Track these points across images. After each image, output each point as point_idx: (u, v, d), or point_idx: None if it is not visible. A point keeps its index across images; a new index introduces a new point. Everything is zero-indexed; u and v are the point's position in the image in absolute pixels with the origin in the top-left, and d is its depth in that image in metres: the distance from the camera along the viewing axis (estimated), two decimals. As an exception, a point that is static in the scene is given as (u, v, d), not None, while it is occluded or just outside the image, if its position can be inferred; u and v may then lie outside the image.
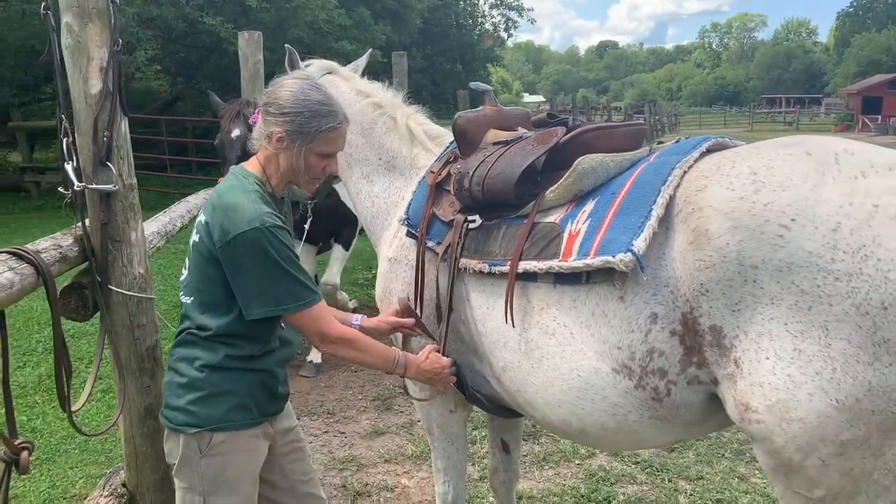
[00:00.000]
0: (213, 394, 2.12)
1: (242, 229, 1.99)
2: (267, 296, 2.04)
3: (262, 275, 2.02)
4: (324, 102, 2.14)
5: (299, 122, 2.10)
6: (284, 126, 2.11)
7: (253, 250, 2.00)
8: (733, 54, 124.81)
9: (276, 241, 2.02)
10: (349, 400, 5.16)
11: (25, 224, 11.95)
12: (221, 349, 2.11)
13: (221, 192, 2.12)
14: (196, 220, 2.20)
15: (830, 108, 58.58)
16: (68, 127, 2.31)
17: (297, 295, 2.07)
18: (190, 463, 2.13)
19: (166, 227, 3.39)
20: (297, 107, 2.10)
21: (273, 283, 2.04)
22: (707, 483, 3.82)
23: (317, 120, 2.11)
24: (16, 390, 5.13)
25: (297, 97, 2.11)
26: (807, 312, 1.68)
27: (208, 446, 2.12)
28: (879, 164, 1.74)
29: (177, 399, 2.14)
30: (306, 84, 2.17)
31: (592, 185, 2.21)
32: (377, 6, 18.92)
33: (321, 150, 2.16)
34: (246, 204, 2.03)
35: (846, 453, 1.69)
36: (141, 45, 13.16)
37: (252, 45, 5.46)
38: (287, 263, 2.04)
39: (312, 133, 2.12)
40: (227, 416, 2.13)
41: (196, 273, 2.14)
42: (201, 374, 2.11)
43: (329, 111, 2.14)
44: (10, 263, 1.96)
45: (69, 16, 2.25)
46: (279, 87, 2.16)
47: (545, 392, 2.21)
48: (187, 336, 2.16)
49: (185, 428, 2.12)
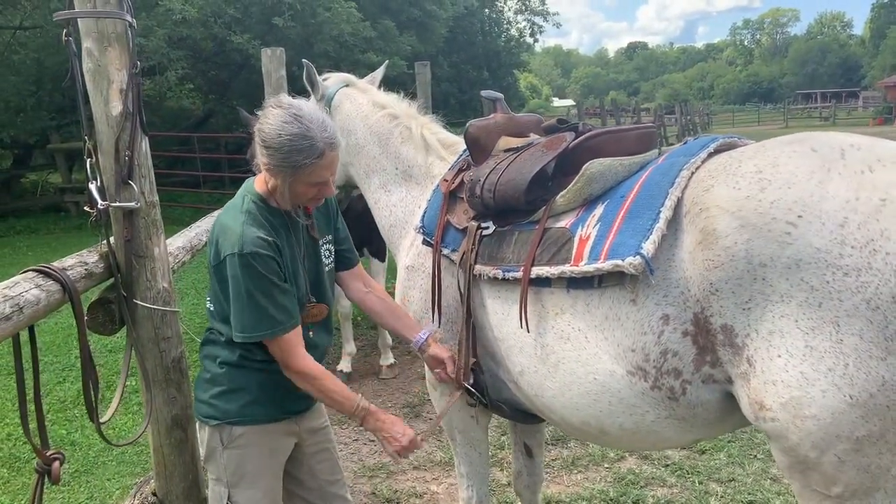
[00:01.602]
0: (231, 389, 2.27)
1: (226, 253, 2.11)
2: (237, 320, 2.14)
3: (237, 300, 2.13)
4: (303, 136, 2.07)
5: (279, 158, 2.10)
6: (266, 158, 2.13)
7: (231, 275, 2.12)
8: (766, 50, 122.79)
9: (251, 269, 2.08)
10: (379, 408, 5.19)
11: (66, 243, 12.27)
12: (237, 350, 2.25)
13: (223, 211, 2.23)
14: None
15: (868, 101, 57.26)
16: (91, 148, 2.39)
17: (263, 323, 2.13)
18: (215, 455, 2.29)
19: (192, 241, 3.46)
20: (276, 142, 2.08)
21: (242, 310, 2.13)
22: (739, 485, 3.77)
23: (294, 156, 2.08)
24: (55, 405, 5.29)
25: (276, 132, 2.08)
26: (817, 309, 1.67)
27: (229, 439, 2.26)
28: (886, 157, 1.73)
29: (203, 392, 2.32)
30: (286, 116, 2.09)
31: (602, 189, 2.22)
32: (402, 17, 19.07)
33: (307, 181, 2.15)
34: (234, 227, 2.12)
35: (862, 449, 1.68)
36: (172, 66, 13.47)
37: (275, 61, 5.55)
38: (258, 292, 2.10)
39: (291, 168, 2.11)
40: (243, 410, 2.26)
41: (211, 285, 2.29)
42: (221, 370, 2.27)
43: (308, 146, 2.08)
44: (38, 281, 2.04)
45: (89, 41, 2.33)
46: (265, 116, 2.14)
47: (563, 396, 2.22)
48: (210, 335, 2.34)
49: (209, 420, 2.28)
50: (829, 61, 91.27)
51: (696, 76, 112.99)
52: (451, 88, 25.30)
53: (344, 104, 3.15)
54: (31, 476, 4.21)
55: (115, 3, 2.33)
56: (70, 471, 4.32)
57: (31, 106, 14.53)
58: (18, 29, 14.07)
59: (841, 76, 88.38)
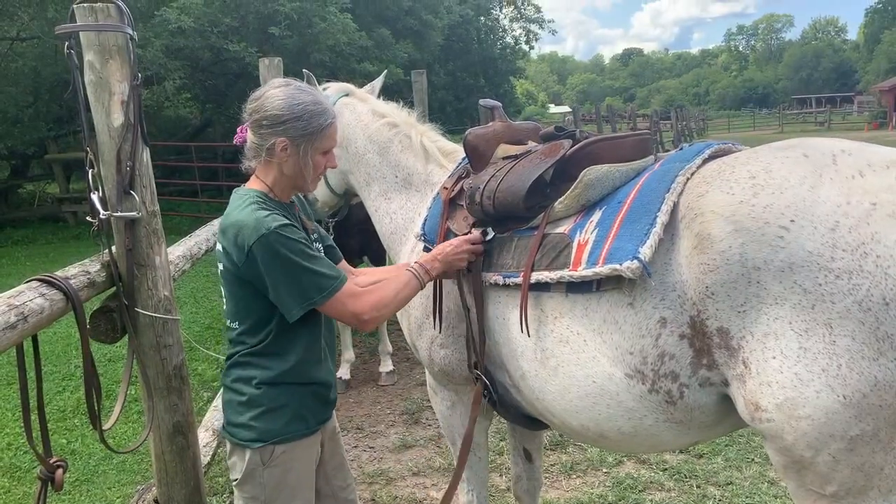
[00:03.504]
0: (272, 409, 2.22)
1: (252, 240, 2.06)
2: (295, 294, 2.10)
3: (285, 276, 2.08)
4: (316, 102, 2.18)
5: (301, 126, 2.14)
6: (286, 133, 2.14)
7: (268, 256, 2.06)
8: (761, 56, 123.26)
9: (284, 238, 2.07)
10: (378, 415, 5.22)
11: (63, 253, 12.29)
12: (274, 366, 2.21)
13: (225, 216, 2.20)
14: (216, 250, 2.28)
15: (863, 106, 57.47)
16: (93, 158, 2.42)
17: (321, 286, 2.12)
18: (254, 475, 2.24)
19: (191, 250, 3.49)
20: (294, 112, 2.13)
21: (296, 281, 2.09)
22: (736, 488, 3.79)
23: (315, 119, 2.16)
24: (56, 414, 5.29)
25: (289, 104, 2.14)
26: (810, 311, 1.70)
27: (270, 458, 2.23)
28: (877, 162, 1.76)
29: (238, 416, 2.25)
30: (292, 89, 2.18)
31: (599, 195, 2.26)
32: (398, 26, 19.16)
33: (323, 147, 2.22)
34: (246, 218, 2.10)
35: (856, 448, 1.70)
36: (169, 76, 13.51)
37: (272, 70, 5.58)
38: (301, 257, 2.09)
39: (315, 133, 2.17)
40: (287, 428, 2.24)
41: (232, 299, 2.24)
42: (259, 390, 2.21)
43: (322, 109, 2.18)
44: (41, 290, 2.06)
45: (91, 54, 2.36)
46: (266, 99, 2.17)
47: (562, 399, 2.25)
48: (240, 358, 2.25)
49: (251, 443, 2.22)
50: (824, 66, 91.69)
51: (691, 82, 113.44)
52: (447, 96, 25.39)
53: (344, 113, 3.18)
54: (32, 485, 4.22)
55: (116, 17, 2.36)
56: (71, 480, 4.32)
57: (28, 116, 14.57)
58: (15, 40, 14.11)
59: (836, 81, 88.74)
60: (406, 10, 19.50)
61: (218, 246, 2.25)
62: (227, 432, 2.30)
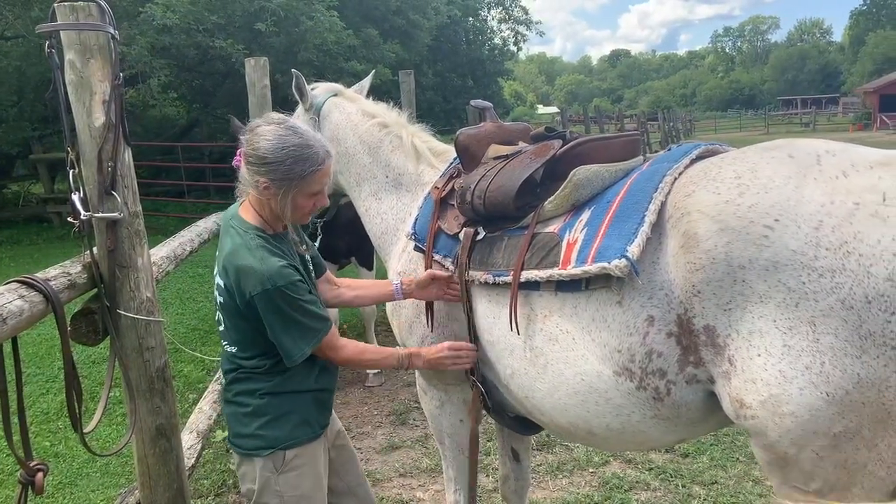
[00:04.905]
0: (277, 416, 2.28)
1: (257, 290, 2.12)
2: (287, 346, 2.19)
3: (281, 329, 2.17)
4: (303, 146, 2.15)
5: (283, 171, 2.14)
6: (268, 175, 2.16)
7: (268, 309, 2.14)
8: (747, 57, 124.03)
9: (286, 296, 2.14)
10: (365, 416, 5.20)
11: (48, 254, 12.18)
12: (276, 378, 2.28)
13: (229, 254, 2.21)
14: (215, 282, 2.32)
15: (848, 107, 57.96)
16: (74, 159, 2.38)
17: (307, 338, 2.22)
18: (269, 484, 2.28)
19: (176, 251, 3.46)
20: (278, 155, 2.13)
21: (289, 335, 2.18)
22: (721, 487, 3.81)
23: (299, 165, 2.15)
24: (38, 416, 5.24)
25: (275, 146, 2.13)
26: (794, 309, 1.71)
27: (283, 463, 2.28)
28: (860, 163, 1.77)
29: (244, 427, 2.30)
30: (282, 130, 2.16)
31: (589, 195, 2.27)
32: (386, 25, 19.12)
33: (308, 191, 2.21)
34: (255, 265, 2.14)
35: (839, 445, 1.71)
36: (154, 74, 13.41)
37: (259, 70, 5.55)
38: (299, 313, 2.17)
39: (297, 178, 2.16)
40: (293, 433, 2.29)
41: (233, 328, 2.29)
42: (262, 400, 2.28)
43: (310, 154, 2.16)
44: (21, 292, 2.03)
45: (72, 53, 2.33)
46: (256, 135, 2.18)
47: (551, 397, 2.26)
48: (240, 374, 2.31)
49: (260, 451, 2.28)
50: (809, 68, 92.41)
51: (678, 83, 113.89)
52: (435, 97, 25.37)
53: (333, 113, 3.17)
54: (14, 488, 4.17)
55: (97, 16, 2.32)
56: (54, 483, 4.28)
57: (12, 116, 14.42)
58: (0, 39, 13.99)
59: (821, 82, 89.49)
60: (393, 10, 19.46)
61: (218, 279, 2.28)
62: (235, 444, 2.35)
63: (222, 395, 2.43)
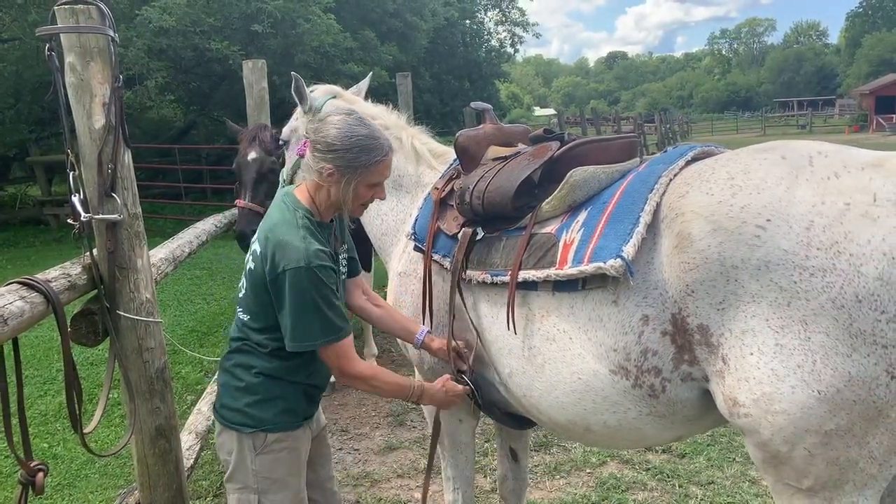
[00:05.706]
0: (266, 398, 2.31)
1: (291, 266, 2.14)
2: (298, 330, 2.19)
3: (299, 311, 2.17)
4: (370, 136, 2.23)
5: (348, 159, 2.21)
6: (334, 162, 2.21)
7: (296, 287, 2.15)
8: (743, 59, 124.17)
9: (319, 280, 2.16)
10: (362, 417, 5.22)
11: (45, 256, 12.17)
12: (276, 360, 2.30)
13: (274, 225, 2.24)
14: (251, 248, 2.34)
15: (844, 109, 58.11)
16: (74, 161, 2.40)
17: (326, 331, 2.21)
18: (244, 462, 2.32)
19: (174, 252, 3.47)
20: (345, 143, 2.20)
21: (306, 320, 2.18)
22: (718, 487, 3.83)
23: (364, 154, 2.21)
24: (37, 418, 5.25)
25: (343, 134, 2.20)
26: (786, 308, 1.73)
27: (262, 445, 2.31)
28: (852, 164, 1.80)
29: (233, 401, 2.34)
30: (351, 120, 2.25)
31: (585, 196, 2.30)
32: (383, 28, 19.15)
33: (370, 181, 2.27)
34: (296, 242, 2.16)
35: (831, 443, 1.74)
36: (151, 76, 13.42)
37: (256, 72, 5.57)
38: (323, 302, 2.18)
39: (361, 167, 2.22)
40: (277, 418, 2.33)
41: (252, 297, 2.30)
42: (257, 379, 2.31)
43: (375, 145, 2.23)
44: (21, 293, 2.04)
45: (72, 56, 2.34)
46: (326, 124, 2.25)
47: (549, 395, 2.28)
48: (244, 346, 2.35)
49: (243, 428, 2.32)
50: (805, 70, 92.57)
51: (675, 85, 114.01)
52: (432, 99, 25.40)
53: None
54: (13, 490, 4.18)
55: (97, 19, 2.34)
56: (52, 484, 4.29)
57: (10, 118, 14.40)
58: (-4, 41, 13.99)
59: (817, 84, 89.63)
60: (391, 12, 19.49)
61: (255, 246, 2.30)
62: (220, 414, 2.38)
63: (221, 362, 2.46)
